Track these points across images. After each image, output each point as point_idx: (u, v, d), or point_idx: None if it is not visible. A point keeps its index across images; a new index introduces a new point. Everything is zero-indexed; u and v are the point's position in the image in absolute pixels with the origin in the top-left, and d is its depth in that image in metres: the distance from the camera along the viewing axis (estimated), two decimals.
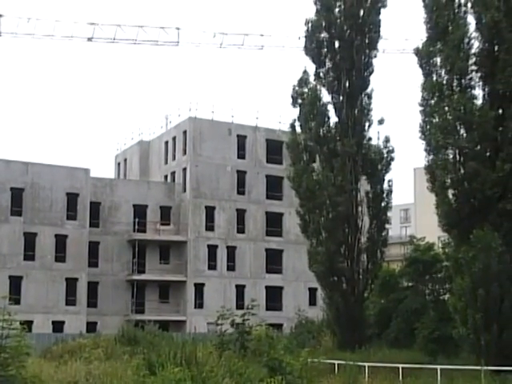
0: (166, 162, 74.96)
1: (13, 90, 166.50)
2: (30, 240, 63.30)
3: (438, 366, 29.69)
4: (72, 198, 65.16)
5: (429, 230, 47.84)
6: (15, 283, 61.28)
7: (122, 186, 71.26)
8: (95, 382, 18.17)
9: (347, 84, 44.02)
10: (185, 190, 70.71)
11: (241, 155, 72.33)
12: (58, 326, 62.12)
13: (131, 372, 18.95)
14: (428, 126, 32.34)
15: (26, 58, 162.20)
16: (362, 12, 43.82)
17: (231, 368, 19.21)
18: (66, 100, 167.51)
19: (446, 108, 31.56)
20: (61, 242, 64.33)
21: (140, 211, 69.63)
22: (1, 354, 16.13)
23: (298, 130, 44.98)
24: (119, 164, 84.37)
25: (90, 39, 60.49)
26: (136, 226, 68.61)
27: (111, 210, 68.98)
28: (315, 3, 44.15)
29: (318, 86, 44.30)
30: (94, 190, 67.48)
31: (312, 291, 70.05)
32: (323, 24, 43.85)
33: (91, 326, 62.60)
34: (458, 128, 31.45)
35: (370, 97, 44.45)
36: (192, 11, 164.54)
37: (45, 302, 62.65)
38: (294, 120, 44.97)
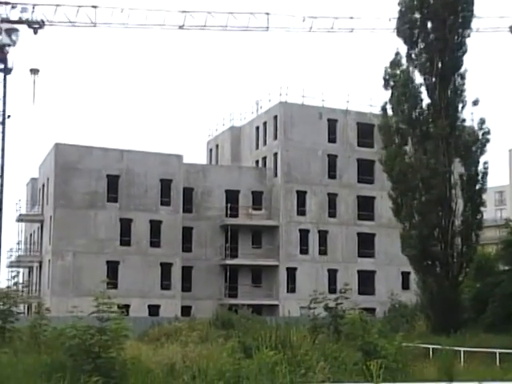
0: (257, 147, 75.33)
1: (108, 80, 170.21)
2: (125, 226, 64.71)
3: None
4: (165, 184, 66.25)
5: None
6: (112, 268, 62.78)
7: (214, 172, 72.02)
8: (192, 363, 18.48)
9: (440, 65, 43.22)
10: (276, 175, 70.95)
11: (331, 139, 72.04)
12: (153, 310, 63.34)
13: (226, 354, 19.19)
14: None
15: (119, 48, 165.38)
16: None
17: (325, 351, 19.27)
18: (159, 88, 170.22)
19: None
20: (155, 227, 65.53)
21: (232, 196, 70.28)
22: (102, 336, 16.60)
23: (390, 112, 44.46)
24: (211, 150, 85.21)
25: (181, 27, 60.95)
26: (228, 211, 69.36)
27: (204, 196, 69.84)
28: None
29: (410, 68, 43.66)
30: (187, 176, 68.38)
31: (405, 275, 69.37)
32: (415, 4, 43.17)
33: (186, 310, 63.57)
34: None
35: (463, 77, 43.56)
36: None
37: (141, 286, 63.91)
38: (386, 102, 44.45)
